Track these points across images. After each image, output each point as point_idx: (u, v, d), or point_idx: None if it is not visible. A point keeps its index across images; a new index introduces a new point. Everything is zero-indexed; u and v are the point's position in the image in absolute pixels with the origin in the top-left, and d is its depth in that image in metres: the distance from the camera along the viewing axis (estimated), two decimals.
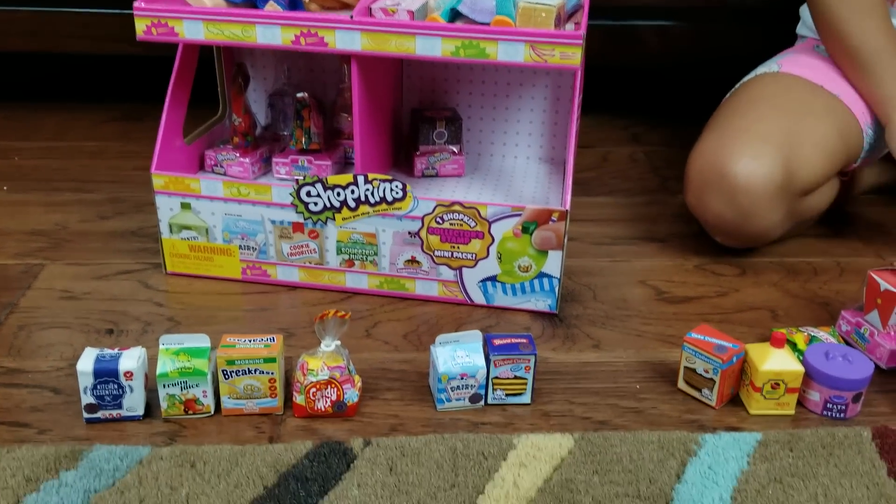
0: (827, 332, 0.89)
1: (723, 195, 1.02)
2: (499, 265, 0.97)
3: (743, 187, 1.00)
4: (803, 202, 1.08)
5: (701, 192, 1.05)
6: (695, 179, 1.06)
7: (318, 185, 0.96)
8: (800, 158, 1.03)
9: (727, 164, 1.01)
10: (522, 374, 0.82)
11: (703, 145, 1.07)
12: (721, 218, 1.04)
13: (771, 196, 1.01)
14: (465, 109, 1.19)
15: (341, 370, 0.79)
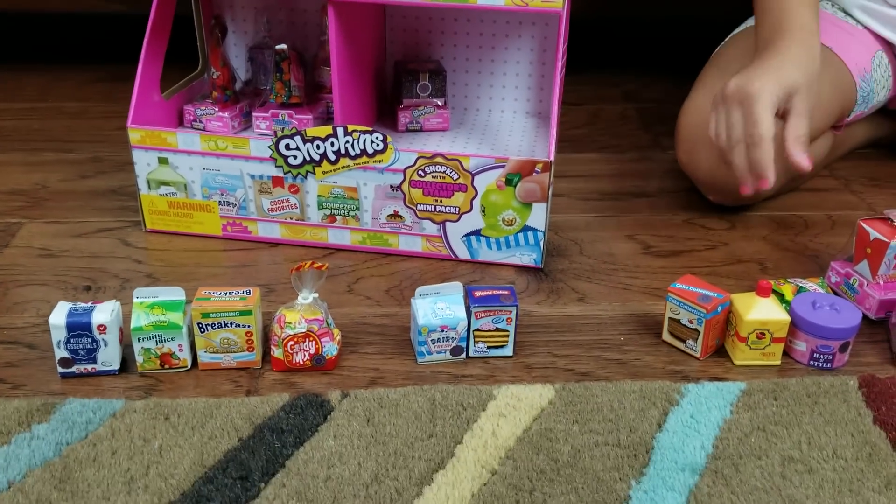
0: (816, 282, 0.88)
1: (714, 150, 1.00)
2: (483, 219, 0.95)
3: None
4: None
5: (692, 148, 1.03)
6: (685, 136, 1.03)
7: (297, 137, 0.94)
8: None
9: None
10: (504, 327, 0.80)
11: (693, 101, 1.04)
12: (713, 174, 1.02)
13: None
14: (450, 62, 1.16)
15: (319, 323, 0.78)
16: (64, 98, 1.46)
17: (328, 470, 0.65)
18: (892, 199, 1.15)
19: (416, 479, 0.64)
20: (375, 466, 0.65)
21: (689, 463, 0.66)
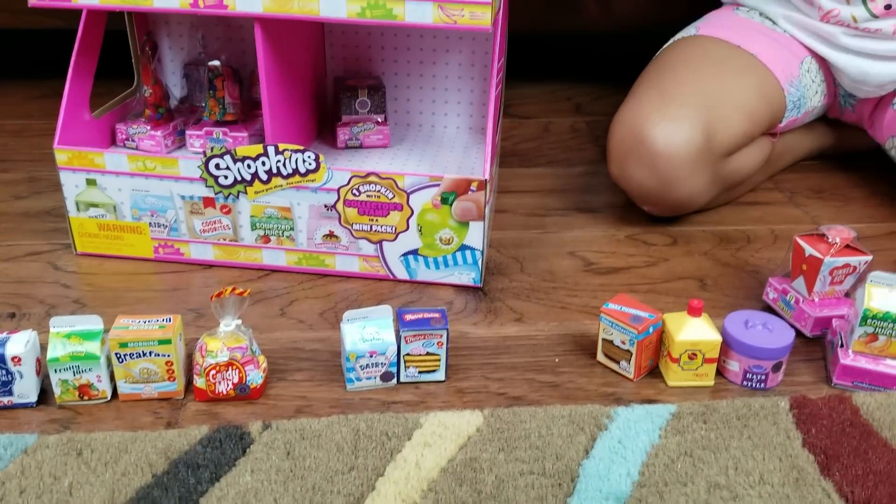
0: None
1: (643, 163, 0.99)
2: (420, 238, 0.94)
3: (663, 153, 0.98)
4: (728, 165, 1.06)
5: (622, 161, 1.02)
6: (615, 149, 1.03)
7: (227, 156, 0.91)
8: (719, 120, 1.01)
9: (645, 131, 0.98)
10: (435, 350, 0.79)
11: (622, 114, 1.04)
12: (644, 186, 1.02)
13: (692, 160, 0.98)
14: (391, 77, 1.15)
15: (243, 351, 0.76)
16: (4, 115, 1.43)
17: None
18: (835, 211, 1.16)
19: None
20: (291, 503, 0.63)
21: (613, 491, 0.65)
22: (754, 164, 1.10)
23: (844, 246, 0.85)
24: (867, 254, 0.85)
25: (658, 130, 0.97)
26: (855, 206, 1.17)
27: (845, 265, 0.85)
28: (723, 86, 1.03)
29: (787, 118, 1.12)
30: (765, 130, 1.09)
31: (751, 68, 1.07)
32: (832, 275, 0.85)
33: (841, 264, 0.84)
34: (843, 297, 0.87)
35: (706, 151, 0.99)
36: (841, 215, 1.14)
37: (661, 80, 1.05)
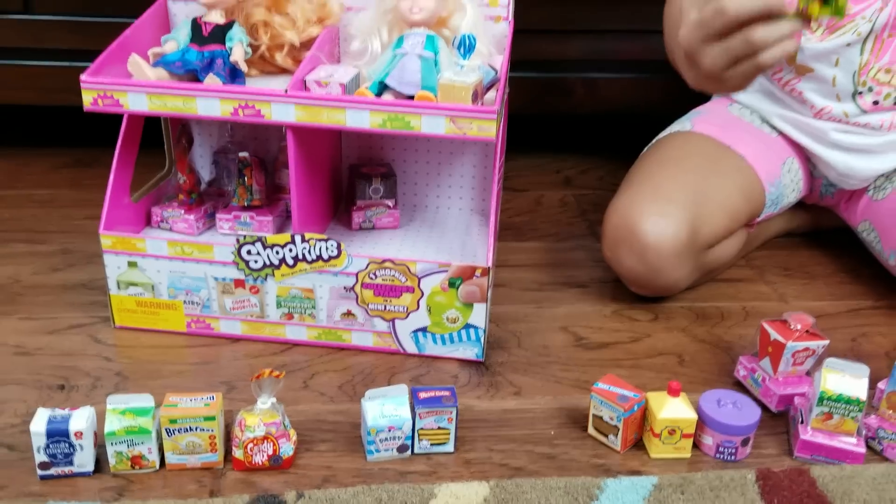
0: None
1: (634, 251, 1.11)
2: (429, 317, 1.04)
3: (652, 245, 1.09)
4: (709, 255, 1.17)
5: (615, 247, 1.14)
6: (609, 236, 1.15)
7: (258, 243, 1.02)
8: (704, 217, 1.12)
9: (637, 223, 1.10)
10: (445, 425, 0.89)
11: (616, 203, 1.15)
12: (633, 272, 1.13)
13: (677, 253, 1.10)
14: (400, 164, 1.26)
15: (277, 426, 0.86)
16: (32, 185, 1.53)
17: None
18: (801, 289, 1.28)
19: None
20: None
21: None
22: (732, 253, 1.23)
23: (805, 332, 0.97)
24: (824, 338, 0.97)
25: (649, 224, 1.09)
26: (819, 284, 1.29)
27: (805, 349, 0.96)
28: (710, 185, 1.15)
29: (765, 213, 1.25)
30: (744, 225, 1.22)
31: (737, 169, 1.19)
32: (794, 357, 0.96)
33: (801, 348, 0.96)
34: (805, 376, 0.99)
35: (690, 245, 1.11)
36: (805, 292, 1.27)
37: (654, 175, 1.16)
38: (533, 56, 1.55)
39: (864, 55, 1.14)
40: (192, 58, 1.01)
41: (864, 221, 1.27)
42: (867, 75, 1.14)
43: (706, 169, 1.18)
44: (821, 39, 1.15)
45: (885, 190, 1.23)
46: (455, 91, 0.95)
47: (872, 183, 1.26)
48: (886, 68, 1.13)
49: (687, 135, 1.24)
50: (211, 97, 0.97)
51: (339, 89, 0.98)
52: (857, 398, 0.88)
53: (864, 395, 0.88)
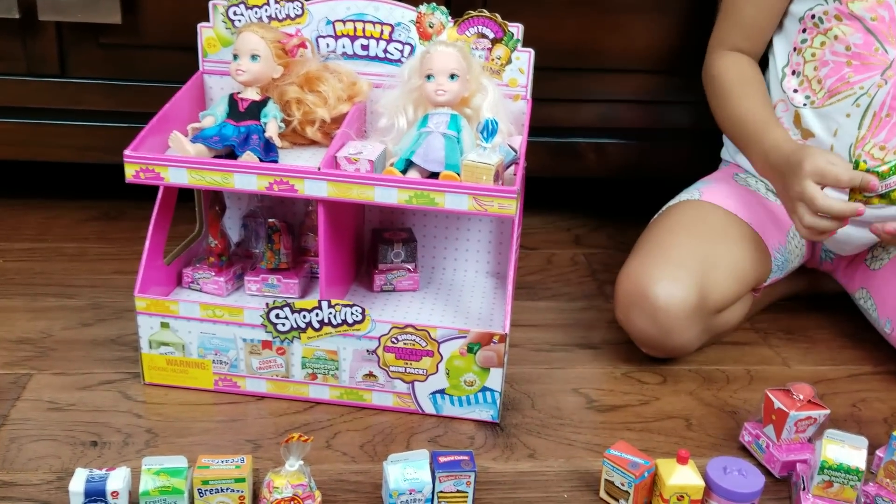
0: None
1: (645, 314, 1.16)
2: (447, 380, 1.09)
3: (663, 308, 1.14)
4: (717, 319, 1.22)
5: (627, 310, 1.19)
6: (622, 299, 1.20)
7: (287, 308, 1.07)
8: (713, 282, 1.18)
9: (649, 287, 1.15)
10: (464, 489, 0.93)
11: (629, 268, 1.21)
12: (644, 333, 1.18)
13: (687, 315, 1.15)
14: (420, 228, 1.32)
15: (304, 487, 0.90)
16: (61, 238, 1.58)
17: None
18: (803, 353, 1.32)
19: None
20: None
21: None
22: (739, 317, 1.28)
23: (807, 401, 1.01)
24: (825, 408, 1.01)
25: (659, 288, 1.14)
26: (820, 348, 1.34)
27: (808, 417, 1.01)
28: (718, 252, 1.20)
29: (771, 278, 1.30)
30: (751, 289, 1.27)
31: (744, 237, 1.25)
32: (797, 425, 1.01)
33: (804, 417, 1.01)
34: (807, 443, 1.03)
35: (700, 308, 1.16)
36: (807, 357, 1.31)
37: (664, 241, 1.22)
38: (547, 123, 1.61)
39: (862, 129, 1.20)
40: (229, 133, 1.07)
41: (861, 289, 1.32)
42: (862, 149, 1.20)
43: (715, 236, 1.23)
44: (821, 103, 1.21)
45: (883, 260, 1.29)
46: (478, 171, 1.01)
47: (870, 252, 1.32)
48: (881, 145, 1.20)
49: (696, 203, 1.30)
50: (248, 173, 1.03)
51: (367, 165, 1.05)
52: (856, 468, 0.92)
53: (863, 465, 0.93)
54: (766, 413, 1.04)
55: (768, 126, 1.21)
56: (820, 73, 1.22)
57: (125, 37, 1.44)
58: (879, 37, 1.17)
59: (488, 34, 1.16)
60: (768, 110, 1.24)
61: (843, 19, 1.18)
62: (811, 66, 1.23)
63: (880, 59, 1.17)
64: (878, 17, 1.16)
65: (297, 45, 1.11)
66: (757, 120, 1.22)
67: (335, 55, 1.18)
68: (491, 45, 1.16)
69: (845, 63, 1.19)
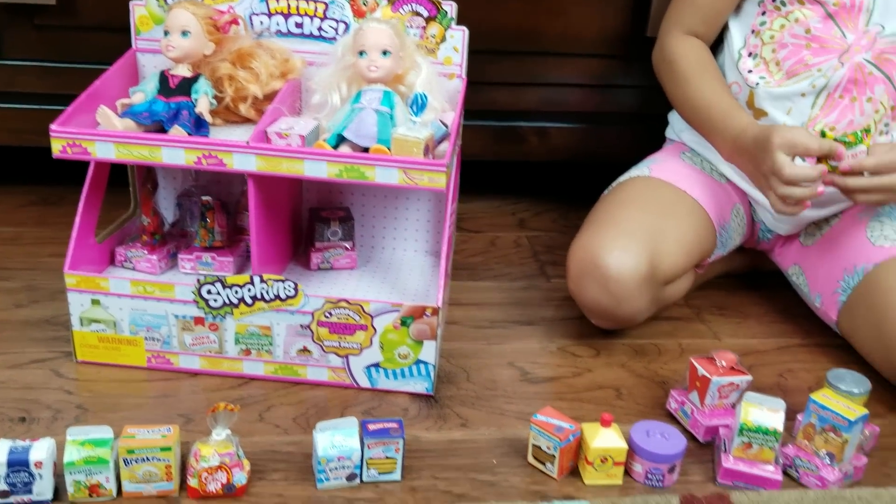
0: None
1: (597, 283, 1.17)
2: (381, 353, 1.10)
3: (615, 277, 1.16)
4: (665, 291, 1.25)
5: (579, 280, 1.20)
6: (574, 269, 1.21)
7: (218, 283, 1.08)
8: (663, 253, 1.20)
9: (601, 256, 1.17)
10: (393, 455, 0.94)
11: (581, 239, 1.22)
12: (596, 302, 1.20)
13: (638, 284, 1.17)
14: (358, 208, 1.33)
15: (231, 456, 0.90)
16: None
17: None
18: (734, 328, 1.36)
19: None
20: None
21: None
22: (683, 291, 1.31)
23: (730, 368, 1.04)
24: (747, 374, 1.04)
25: (612, 257, 1.16)
26: (751, 323, 1.38)
27: (730, 384, 1.04)
28: (668, 224, 1.23)
29: (714, 255, 1.33)
30: (696, 264, 1.30)
31: (692, 212, 1.27)
32: (719, 391, 1.04)
33: (726, 383, 1.03)
34: (730, 409, 1.06)
35: (650, 278, 1.18)
36: (738, 331, 1.35)
37: (615, 214, 1.24)
38: (489, 106, 1.64)
39: (815, 109, 1.23)
40: (158, 109, 1.07)
41: (794, 266, 1.36)
42: (813, 127, 1.23)
43: (664, 210, 1.26)
44: (778, 84, 1.24)
45: (815, 237, 1.33)
46: (407, 145, 1.02)
47: (805, 229, 1.36)
48: (832, 126, 1.23)
49: (646, 179, 1.32)
50: (175, 147, 1.03)
51: (298, 141, 1.05)
52: (774, 429, 0.95)
53: (780, 427, 0.96)
54: (690, 380, 1.07)
55: (733, 112, 1.22)
56: (778, 55, 1.24)
57: (60, 18, 1.43)
58: (839, 22, 1.20)
59: (422, 12, 1.17)
60: (730, 96, 1.26)
61: (805, 3, 1.21)
62: (769, 49, 1.25)
63: (839, 44, 1.20)
64: (840, 2, 1.19)
65: (229, 21, 1.12)
66: (721, 107, 1.23)
67: (269, 33, 1.18)
68: (425, 23, 1.17)
69: (804, 45, 1.22)
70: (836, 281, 1.24)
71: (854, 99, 1.21)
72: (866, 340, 1.20)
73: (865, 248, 1.22)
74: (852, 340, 1.24)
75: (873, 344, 1.18)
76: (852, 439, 0.96)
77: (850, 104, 1.21)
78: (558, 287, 1.44)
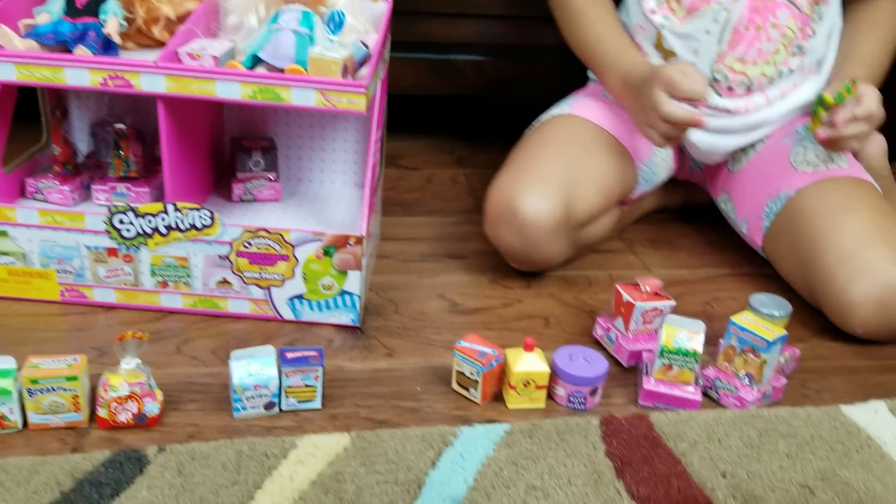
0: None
1: (513, 228, 1.16)
2: (304, 284, 1.07)
3: (530, 222, 1.15)
4: (583, 232, 1.24)
5: (496, 224, 1.19)
6: (491, 214, 1.20)
7: (130, 213, 1.03)
8: (578, 196, 1.19)
9: (516, 202, 1.15)
10: (312, 383, 0.92)
11: (498, 183, 1.20)
12: (512, 247, 1.18)
13: (553, 229, 1.16)
14: (283, 139, 1.29)
15: (141, 385, 0.87)
16: None
17: None
18: (665, 259, 1.36)
19: None
20: None
21: (451, 494, 0.80)
22: (605, 230, 1.30)
23: (654, 293, 1.04)
24: (671, 300, 1.04)
25: (527, 203, 1.14)
26: (681, 255, 1.38)
27: (654, 309, 1.04)
28: (585, 165, 1.21)
29: (638, 191, 1.32)
30: (617, 202, 1.29)
31: (611, 150, 1.26)
32: (643, 316, 1.04)
33: (650, 308, 1.03)
34: (654, 334, 1.06)
35: (566, 222, 1.17)
36: (669, 262, 1.35)
37: (533, 156, 1.22)
38: (423, 38, 1.59)
39: (721, 45, 1.22)
40: (64, 29, 1.01)
41: (723, 193, 1.36)
42: (723, 63, 1.23)
43: (582, 150, 1.24)
44: (682, 22, 1.22)
45: (740, 162, 1.33)
46: (324, 65, 0.98)
47: (733, 157, 1.36)
48: (740, 58, 1.22)
49: (566, 117, 1.30)
50: (80, 67, 0.97)
51: (211, 62, 1.00)
52: (693, 351, 0.96)
53: (700, 348, 0.96)
54: (616, 307, 1.07)
55: (625, 49, 1.23)
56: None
57: None
58: None
59: None
60: (623, 33, 1.26)
61: None
62: None
63: None
64: None
65: None
66: (613, 44, 1.24)
67: None
68: None
69: None
70: (761, 206, 1.25)
71: (759, 28, 1.21)
72: (787, 265, 1.21)
73: (788, 173, 1.23)
74: (776, 265, 1.25)
75: (793, 268, 1.20)
76: (771, 360, 0.97)
77: (755, 34, 1.21)
78: None
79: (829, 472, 0.87)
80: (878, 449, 0.91)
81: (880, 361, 1.11)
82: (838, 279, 1.11)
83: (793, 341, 1.13)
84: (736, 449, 0.89)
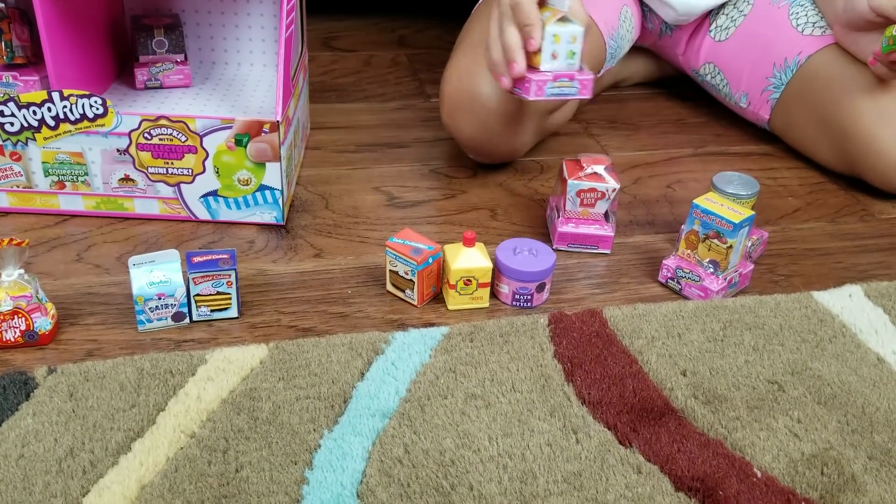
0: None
1: (474, 116, 1.03)
2: (218, 179, 0.95)
3: (494, 109, 1.02)
4: (549, 118, 1.12)
5: (454, 112, 1.05)
6: (448, 101, 1.06)
7: (11, 103, 0.89)
8: None
9: (477, 87, 1.02)
10: (225, 290, 0.82)
11: (455, 67, 1.06)
12: (473, 138, 1.06)
13: (519, 116, 1.04)
14: (192, 16, 1.13)
15: (28, 299, 0.76)
16: None
17: (21, 448, 0.66)
18: (623, 140, 1.25)
19: (112, 450, 0.66)
20: (71, 441, 0.66)
21: (381, 408, 0.71)
22: (569, 113, 1.18)
23: (594, 174, 0.93)
24: (617, 182, 0.94)
25: (490, 88, 1.01)
26: (642, 135, 1.27)
27: (592, 189, 0.93)
28: None
29: (604, 69, 1.19)
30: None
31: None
32: (580, 196, 0.93)
33: (587, 188, 0.93)
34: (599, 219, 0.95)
35: (530, 110, 1.04)
36: (628, 143, 1.25)
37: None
38: None
39: None
40: None
41: (708, 64, 1.24)
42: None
43: None
44: None
45: (729, 30, 1.20)
46: None
47: (713, 22, 1.23)
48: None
49: None
50: None
51: None
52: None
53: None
54: (562, 184, 0.96)
55: None
56: None
57: None
58: None
59: None
60: None
61: None
62: None
63: None
64: None
65: None
66: None
67: None
68: None
69: None
70: (765, 78, 1.15)
71: None
72: (808, 135, 1.13)
73: (794, 38, 1.11)
74: (788, 138, 1.17)
75: (817, 137, 1.12)
76: (737, 245, 0.88)
77: None
78: (438, 107, 1.30)
79: (800, 364, 0.79)
80: (852, 338, 0.83)
81: (854, 242, 1.03)
82: (880, 139, 1.04)
83: (760, 223, 1.04)
84: (698, 344, 0.81)
